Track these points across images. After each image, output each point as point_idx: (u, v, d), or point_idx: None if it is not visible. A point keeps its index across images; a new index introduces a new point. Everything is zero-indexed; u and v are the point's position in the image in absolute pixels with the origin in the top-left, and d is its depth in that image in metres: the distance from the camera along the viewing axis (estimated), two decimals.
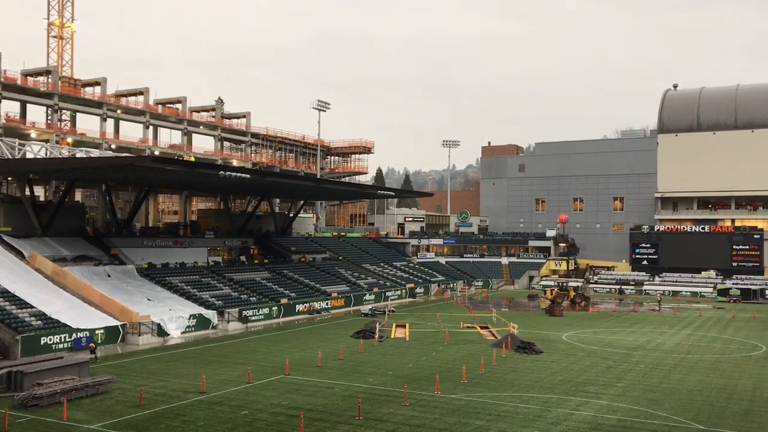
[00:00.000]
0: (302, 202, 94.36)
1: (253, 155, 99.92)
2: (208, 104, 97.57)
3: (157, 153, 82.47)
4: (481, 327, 56.71)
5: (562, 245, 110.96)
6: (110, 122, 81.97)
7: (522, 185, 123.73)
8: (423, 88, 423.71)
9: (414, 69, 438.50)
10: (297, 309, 65.00)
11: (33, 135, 72.19)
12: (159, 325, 50.03)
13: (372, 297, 76.96)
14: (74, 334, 44.60)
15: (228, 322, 56.22)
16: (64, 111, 79.58)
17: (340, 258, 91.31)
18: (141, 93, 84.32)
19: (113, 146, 78.58)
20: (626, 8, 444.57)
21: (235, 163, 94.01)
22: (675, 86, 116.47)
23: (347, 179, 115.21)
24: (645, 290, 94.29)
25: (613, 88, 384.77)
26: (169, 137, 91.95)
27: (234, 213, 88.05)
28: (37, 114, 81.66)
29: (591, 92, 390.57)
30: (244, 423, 27.72)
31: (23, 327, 42.98)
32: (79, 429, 26.93)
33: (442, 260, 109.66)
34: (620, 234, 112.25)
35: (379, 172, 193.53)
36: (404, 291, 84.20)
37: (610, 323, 62.04)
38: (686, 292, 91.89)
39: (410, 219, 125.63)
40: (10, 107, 74.28)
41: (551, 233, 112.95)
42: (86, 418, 28.22)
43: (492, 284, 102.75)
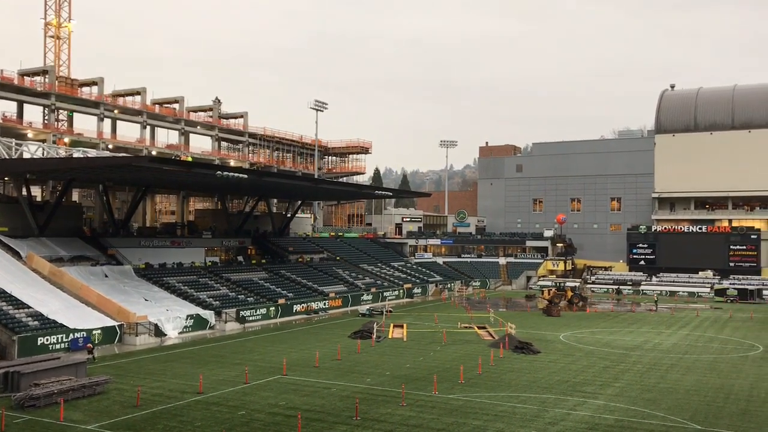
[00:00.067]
0: (300, 203, 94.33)
1: (251, 155, 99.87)
2: (206, 104, 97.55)
3: (155, 153, 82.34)
4: (479, 327, 56.72)
5: (560, 245, 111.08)
6: (107, 122, 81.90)
7: (519, 185, 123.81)
8: (421, 88, 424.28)
9: (412, 69, 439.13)
10: (294, 309, 64.97)
11: (30, 135, 72.07)
12: (156, 326, 49.96)
13: (369, 297, 76.95)
14: (71, 335, 44.53)
15: (225, 323, 56.17)
16: (61, 111, 79.42)
17: (338, 258, 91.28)
18: (138, 93, 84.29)
19: (110, 146, 78.47)
20: (624, 9, 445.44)
21: (233, 163, 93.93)
22: (672, 86, 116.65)
23: (345, 179, 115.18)
24: (642, 290, 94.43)
25: (611, 89, 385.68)
26: (167, 137, 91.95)
27: (231, 213, 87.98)
28: (34, 114, 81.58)
29: (588, 92, 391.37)
30: (242, 423, 27.68)
31: (20, 327, 42.90)
32: (76, 429, 26.87)
33: (440, 260, 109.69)
34: (617, 234, 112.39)
35: (377, 173, 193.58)
36: (402, 291, 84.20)
37: (608, 323, 62.10)
38: (683, 292, 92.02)
39: (408, 219, 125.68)
40: (7, 107, 74.48)
41: (549, 233, 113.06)
42: (83, 419, 28.17)
43: (489, 284, 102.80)
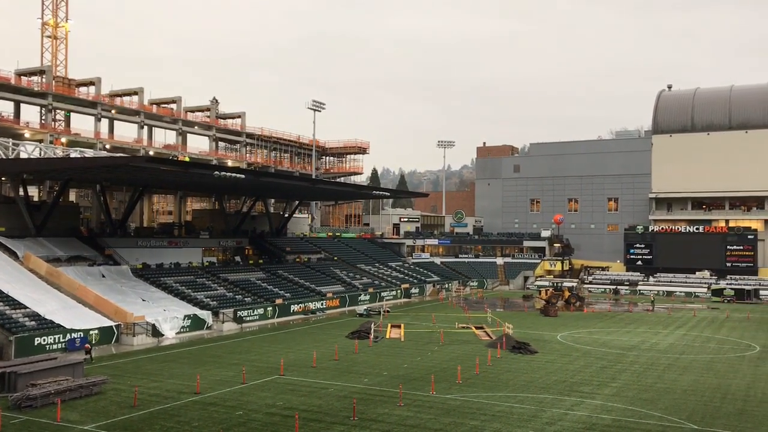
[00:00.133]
0: (297, 203, 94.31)
1: (248, 155, 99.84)
2: (204, 104, 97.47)
3: (152, 153, 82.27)
4: (476, 327, 56.73)
5: (557, 245, 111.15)
6: (105, 122, 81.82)
7: (517, 185, 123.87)
8: (418, 89, 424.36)
9: (410, 69, 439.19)
10: (292, 309, 64.94)
11: (27, 135, 71.97)
12: (153, 326, 49.93)
13: (367, 297, 76.95)
14: (68, 335, 44.48)
15: (223, 323, 56.12)
16: (59, 111, 79.30)
17: (335, 258, 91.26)
18: (135, 93, 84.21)
19: (108, 146, 78.39)
20: (621, 9, 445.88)
21: (230, 164, 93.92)
22: (669, 87, 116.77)
23: (342, 179, 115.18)
24: (639, 290, 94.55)
25: (608, 89, 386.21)
26: (164, 137, 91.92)
27: (229, 213, 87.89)
28: (31, 114, 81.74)
29: (586, 93, 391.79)
30: (239, 423, 27.66)
31: (17, 327, 42.83)
32: (73, 430, 26.84)
33: (437, 260, 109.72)
34: (615, 234, 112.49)
35: (375, 173, 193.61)
36: (399, 291, 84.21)
37: (605, 323, 62.17)
38: (680, 293, 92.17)
39: (405, 219, 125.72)
40: (4, 107, 74.33)
41: (546, 234, 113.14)
42: (80, 419, 28.13)
43: (487, 284, 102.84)
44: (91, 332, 45.94)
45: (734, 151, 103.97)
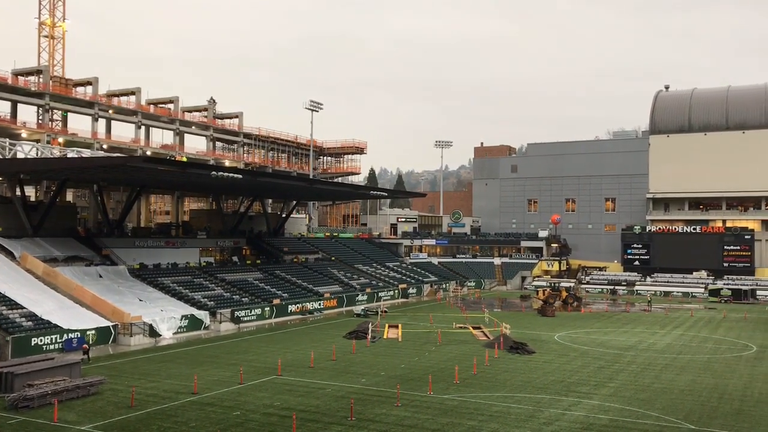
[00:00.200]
0: (295, 203, 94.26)
1: (246, 155, 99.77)
2: (202, 104, 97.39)
3: (149, 153, 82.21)
4: (474, 327, 56.76)
5: (555, 246, 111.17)
6: (102, 122, 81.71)
7: (514, 186, 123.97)
8: (416, 89, 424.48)
9: (409, 69, 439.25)
10: (289, 309, 64.89)
11: (24, 135, 71.86)
12: (151, 326, 49.85)
13: (365, 297, 76.92)
14: (65, 335, 44.41)
15: (220, 323, 56.07)
16: (56, 111, 79.21)
17: (333, 258, 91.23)
18: (133, 93, 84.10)
19: (105, 146, 78.30)
20: (619, 10, 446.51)
21: (228, 164, 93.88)
22: (667, 87, 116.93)
23: (340, 180, 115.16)
24: (637, 291, 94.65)
25: (606, 89, 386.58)
26: (161, 137, 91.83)
27: (226, 213, 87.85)
28: (28, 114, 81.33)
29: (583, 93, 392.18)
30: (236, 424, 27.64)
31: (14, 328, 42.76)
32: (70, 430, 26.80)
33: (435, 261, 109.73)
34: (612, 234, 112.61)
35: (372, 173, 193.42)
36: (397, 291, 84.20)
37: (602, 323, 62.22)
38: (678, 293, 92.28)
39: (403, 219, 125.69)
40: (1, 107, 74.17)
41: (543, 234, 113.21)
42: (77, 420, 28.09)
43: (484, 285, 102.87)
44: (88, 332, 45.86)
45: (731, 152, 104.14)
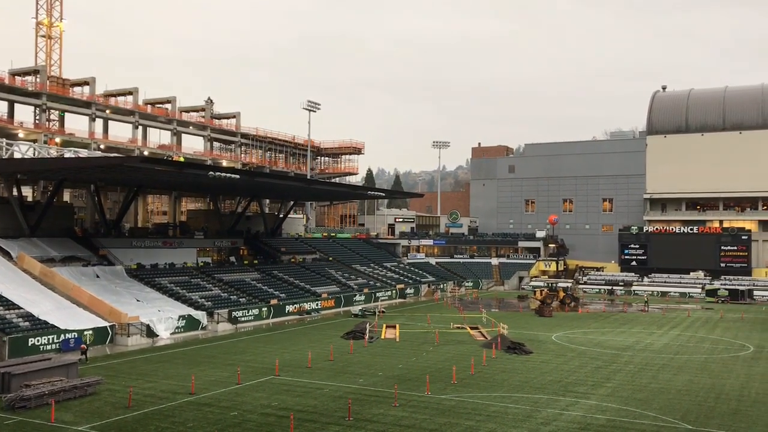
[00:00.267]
0: (292, 203, 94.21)
1: (243, 156, 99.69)
2: (199, 104, 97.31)
3: (147, 153, 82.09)
4: (471, 327, 56.78)
5: (552, 246, 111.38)
6: (99, 122, 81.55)
7: (512, 186, 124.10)
8: (414, 89, 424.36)
9: (408, 70, 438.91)
10: (287, 310, 64.87)
11: (21, 135, 71.73)
12: (148, 326, 49.79)
13: (362, 298, 76.92)
14: (62, 335, 44.33)
15: (217, 323, 56.04)
16: (53, 111, 79.06)
17: (331, 259, 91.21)
18: (130, 93, 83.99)
19: (102, 146, 78.17)
20: (616, 10, 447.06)
21: (225, 164, 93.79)
22: (664, 87, 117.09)
23: (337, 180, 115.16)
24: (634, 291, 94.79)
25: (603, 90, 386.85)
26: (159, 137, 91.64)
27: (224, 213, 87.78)
28: (25, 114, 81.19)
29: (581, 93, 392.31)
30: (234, 424, 27.63)
31: (11, 328, 42.69)
32: (67, 430, 26.76)
33: (433, 261, 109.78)
34: (609, 235, 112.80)
35: (370, 173, 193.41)
36: (394, 292, 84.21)
37: (600, 324, 62.30)
38: (675, 293, 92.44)
39: (400, 220, 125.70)
40: None
41: (541, 234, 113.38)
42: (74, 420, 28.06)
43: (482, 285, 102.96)
44: (86, 333, 45.79)
45: (728, 152, 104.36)
